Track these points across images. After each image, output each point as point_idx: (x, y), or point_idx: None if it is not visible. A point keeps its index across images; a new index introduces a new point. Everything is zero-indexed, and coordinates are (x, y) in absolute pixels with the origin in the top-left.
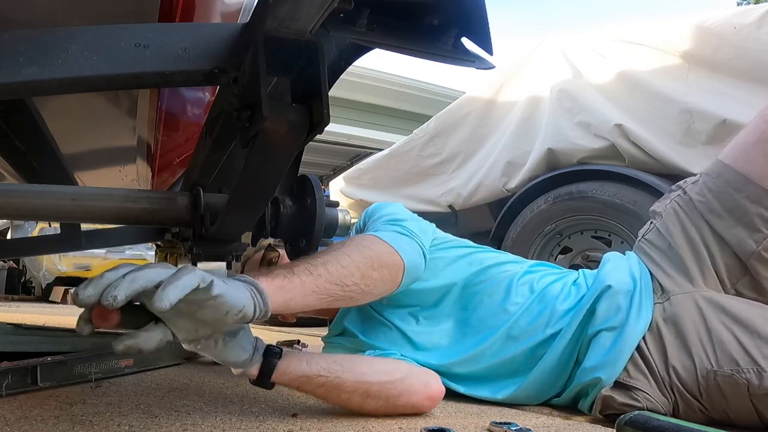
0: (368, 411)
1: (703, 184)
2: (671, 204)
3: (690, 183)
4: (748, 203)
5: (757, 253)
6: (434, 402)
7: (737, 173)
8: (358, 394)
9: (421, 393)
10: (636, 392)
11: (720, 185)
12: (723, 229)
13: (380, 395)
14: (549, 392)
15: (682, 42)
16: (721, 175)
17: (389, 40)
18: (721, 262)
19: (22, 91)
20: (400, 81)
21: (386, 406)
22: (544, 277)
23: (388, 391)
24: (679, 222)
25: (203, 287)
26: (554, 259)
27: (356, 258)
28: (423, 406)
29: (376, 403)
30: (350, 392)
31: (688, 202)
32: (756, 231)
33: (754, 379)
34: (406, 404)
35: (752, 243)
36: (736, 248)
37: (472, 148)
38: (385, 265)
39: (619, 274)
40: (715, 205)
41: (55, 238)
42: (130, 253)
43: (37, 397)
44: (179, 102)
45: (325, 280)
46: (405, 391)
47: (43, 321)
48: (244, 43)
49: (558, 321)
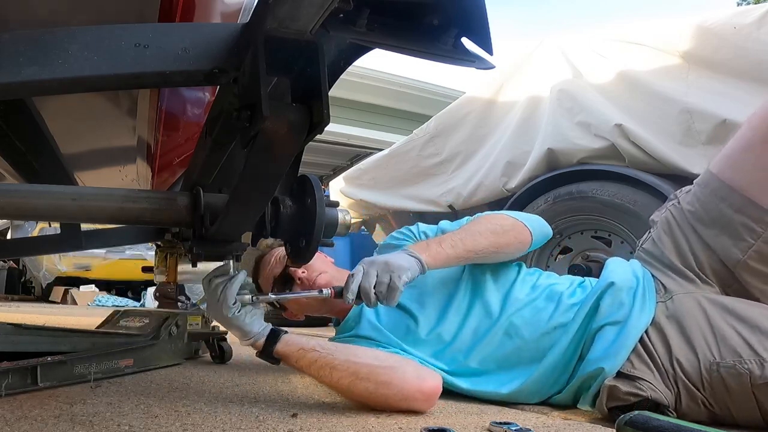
0: (358, 394)
1: (693, 194)
2: (665, 213)
3: (684, 192)
4: (732, 212)
5: (743, 263)
6: (426, 397)
7: (722, 182)
8: (348, 373)
9: (412, 384)
10: (640, 382)
11: (707, 195)
12: (709, 238)
13: (369, 378)
14: (552, 388)
15: (682, 42)
16: (708, 185)
17: (389, 40)
18: (710, 270)
19: (22, 91)
20: (400, 81)
21: (375, 392)
22: (548, 277)
23: (377, 376)
24: (670, 231)
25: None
26: (554, 259)
27: (483, 231)
28: (414, 400)
29: (365, 385)
30: (341, 371)
31: (680, 211)
32: (741, 240)
33: (756, 369)
34: (397, 394)
35: (738, 252)
36: (722, 257)
37: (472, 148)
38: (510, 230)
39: (622, 273)
40: (702, 214)
41: (55, 238)
42: (130, 253)
43: (37, 397)
44: (179, 102)
45: (463, 250)
46: (396, 378)
47: (43, 321)
48: (244, 43)
49: (565, 312)
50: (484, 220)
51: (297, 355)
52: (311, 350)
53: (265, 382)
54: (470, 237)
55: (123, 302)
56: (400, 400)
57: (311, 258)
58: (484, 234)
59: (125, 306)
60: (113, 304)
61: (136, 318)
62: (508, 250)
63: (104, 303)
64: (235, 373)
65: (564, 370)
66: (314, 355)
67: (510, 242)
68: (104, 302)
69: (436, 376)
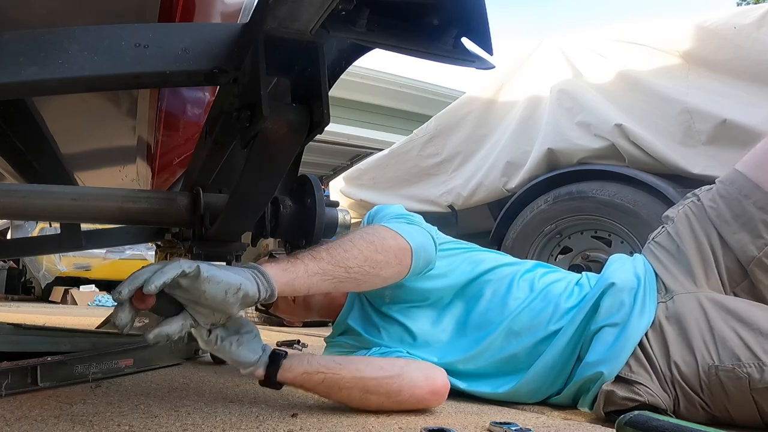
0: (373, 407)
1: (716, 191)
2: (684, 209)
3: (704, 190)
4: (755, 210)
5: (758, 260)
6: (438, 396)
7: (748, 180)
8: (357, 389)
9: (423, 386)
10: (637, 387)
11: (731, 192)
12: (728, 234)
13: (379, 391)
14: (550, 389)
15: (682, 42)
16: (734, 182)
17: (389, 40)
18: (724, 265)
19: (22, 91)
20: (400, 81)
21: (388, 402)
22: (545, 275)
23: (387, 387)
24: (690, 226)
25: (190, 272)
26: (554, 259)
27: (359, 243)
28: (427, 401)
29: (377, 399)
30: (349, 388)
31: (700, 207)
32: (759, 237)
33: (755, 373)
34: (409, 399)
35: (754, 249)
36: (738, 253)
37: (472, 148)
38: (390, 248)
39: (623, 273)
40: (724, 210)
41: (55, 238)
42: (130, 253)
43: (37, 397)
44: (179, 102)
45: (328, 263)
46: (405, 385)
47: (43, 321)
48: (244, 43)
49: (561, 318)
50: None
51: (302, 379)
52: (315, 373)
53: None
54: (339, 247)
55: None
56: (414, 404)
57: None
58: (359, 245)
59: None
60: (113, 304)
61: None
62: (385, 273)
63: (104, 303)
64: (235, 373)
65: (561, 371)
66: (320, 377)
67: (389, 261)
68: (104, 302)
69: (442, 373)
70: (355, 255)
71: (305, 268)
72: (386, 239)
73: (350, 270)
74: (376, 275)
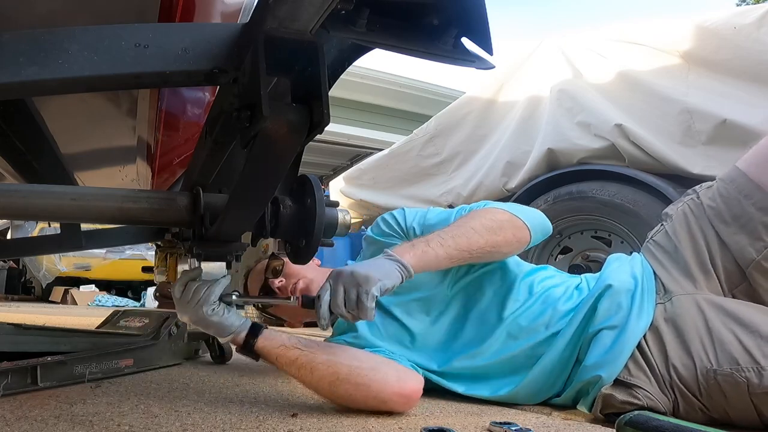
0: (339, 397)
1: (716, 189)
2: (683, 207)
3: (704, 188)
4: (755, 211)
5: (757, 263)
6: (406, 400)
7: (749, 180)
8: (329, 374)
9: (392, 386)
10: (636, 390)
11: (731, 191)
12: (727, 235)
13: (349, 379)
14: (549, 391)
15: (682, 42)
16: (734, 181)
17: (389, 40)
18: (722, 267)
19: (22, 91)
20: (400, 81)
21: (356, 393)
22: (545, 279)
23: (357, 377)
24: (687, 225)
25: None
26: (554, 260)
27: (479, 229)
28: (393, 402)
29: (346, 389)
30: (321, 371)
31: (699, 206)
32: (758, 239)
33: (754, 378)
34: (376, 395)
35: (753, 251)
36: (737, 255)
37: (472, 148)
38: (507, 229)
39: (621, 275)
40: (723, 210)
41: (55, 238)
42: (130, 253)
43: (37, 397)
44: (179, 102)
45: (454, 249)
46: (375, 380)
47: (43, 321)
48: (244, 43)
49: (559, 321)
50: (477, 215)
51: (277, 351)
52: (292, 348)
53: (265, 382)
54: (463, 235)
55: (123, 302)
56: (378, 403)
57: (311, 258)
58: (479, 231)
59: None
60: (113, 304)
61: (136, 318)
62: (505, 250)
63: (104, 303)
64: (235, 373)
65: (560, 374)
66: (295, 353)
67: (507, 240)
68: (104, 302)
69: (417, 378)
70: (476, 240)
71: (436, 255)
72: (503, 222)
73: (473, 252)
74: (497, 252)
